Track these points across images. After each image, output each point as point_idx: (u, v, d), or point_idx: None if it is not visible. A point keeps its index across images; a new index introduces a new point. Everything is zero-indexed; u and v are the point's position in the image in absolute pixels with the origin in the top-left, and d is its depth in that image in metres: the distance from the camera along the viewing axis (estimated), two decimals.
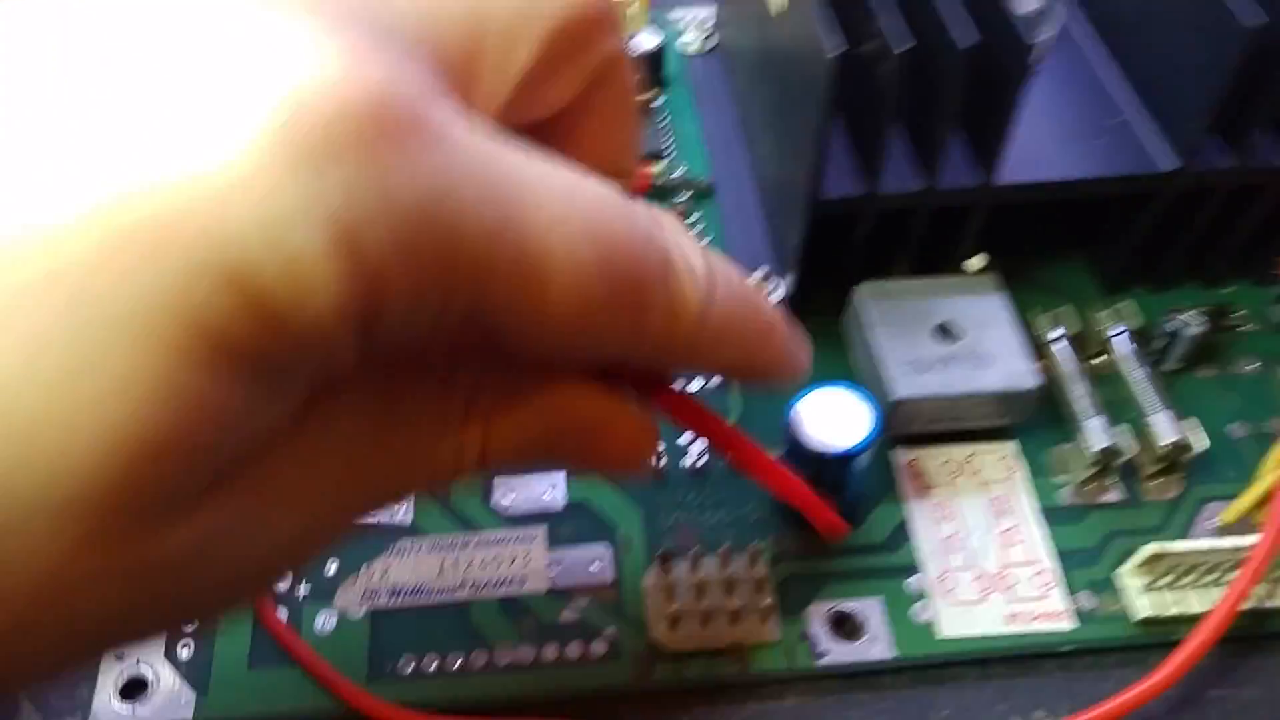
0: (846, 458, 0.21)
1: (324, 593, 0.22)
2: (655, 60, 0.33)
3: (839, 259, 0.25)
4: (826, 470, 0.21)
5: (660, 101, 0.33)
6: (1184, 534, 0.23)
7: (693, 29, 0.35)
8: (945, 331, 0.24)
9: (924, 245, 0.25)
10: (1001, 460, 0.24)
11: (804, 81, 0.23)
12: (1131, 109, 0.25)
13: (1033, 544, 0.22)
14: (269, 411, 0.11)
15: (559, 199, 0.12)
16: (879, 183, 0.23)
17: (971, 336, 0.24)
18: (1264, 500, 0.22)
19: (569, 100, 0.16)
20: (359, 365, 0.11)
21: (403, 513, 0.23)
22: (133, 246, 0.09)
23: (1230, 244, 0.26)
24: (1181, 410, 0.24)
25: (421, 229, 0.10)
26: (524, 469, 0.23)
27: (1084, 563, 0.22)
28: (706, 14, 0.36)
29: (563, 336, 0.13)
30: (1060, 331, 0.25)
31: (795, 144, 0.24)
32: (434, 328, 0.11)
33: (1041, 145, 0.24)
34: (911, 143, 0.24)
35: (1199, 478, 0.24)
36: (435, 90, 0.11)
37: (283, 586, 0.22)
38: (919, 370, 0.23)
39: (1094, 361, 0.25)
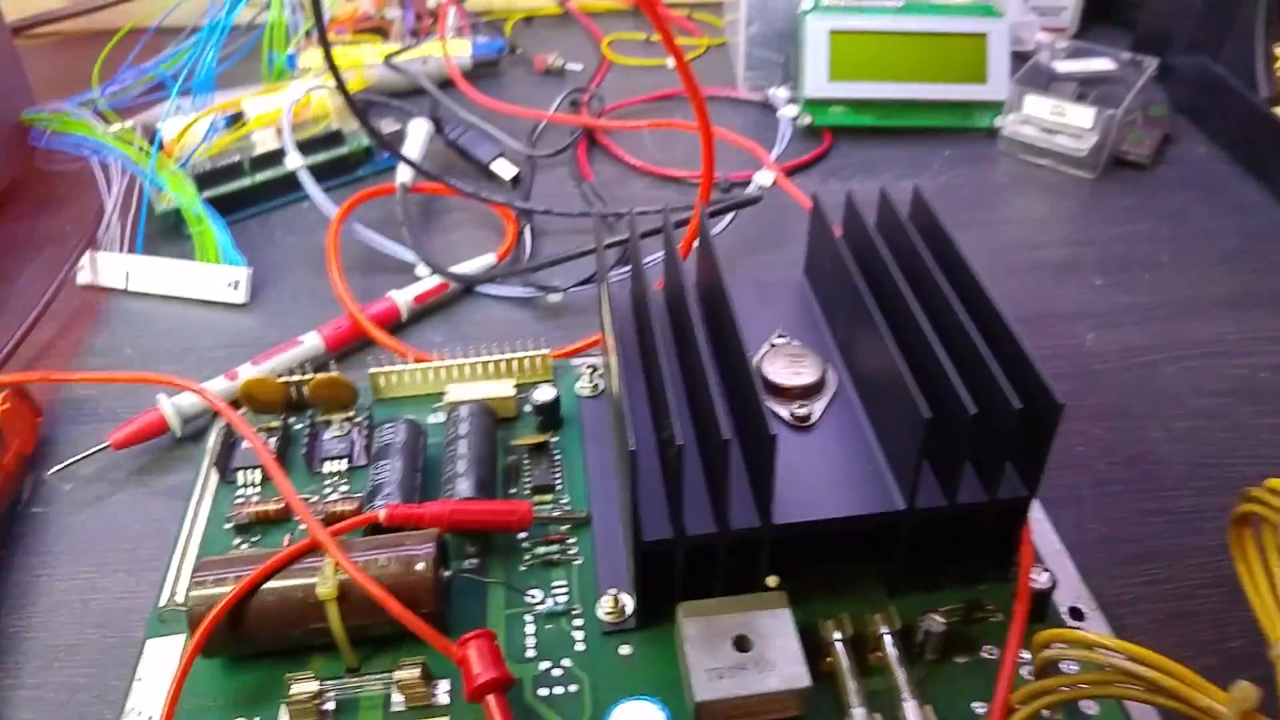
0: None
1: None
2: (552, 408, 0.42)
3: (670, 583, 0.33)
4: None
5: (555, 440, 0.42)
6: None
7: (586, 376, 0.44)
8: (741, 642, 0.31)
9: (729, 571, 0.32)
10: None
11: (622, 453, 0.31)
12: (880, 459, 0.33)
13: None
14: None
15: None
16: (684, 527, 0.31)
17: (760, 646, 0.31)
18: None
19: None
20: None
21: None
22: None
23: (971, 555, 0.33)
24: (936, 694, 0.31)
25: None
26: None
27: None
28: (600, 362, 0.45)
29: None
30: (839, 635, 0.32)
31: (625, 496, 0.32)
32: None
33: (814, 489, 0.32)
34: (708, 495, 0.32)
35: None
36: None
37: None
38: (719, 675, 0.30)
39: (873, 656, 0.32)
